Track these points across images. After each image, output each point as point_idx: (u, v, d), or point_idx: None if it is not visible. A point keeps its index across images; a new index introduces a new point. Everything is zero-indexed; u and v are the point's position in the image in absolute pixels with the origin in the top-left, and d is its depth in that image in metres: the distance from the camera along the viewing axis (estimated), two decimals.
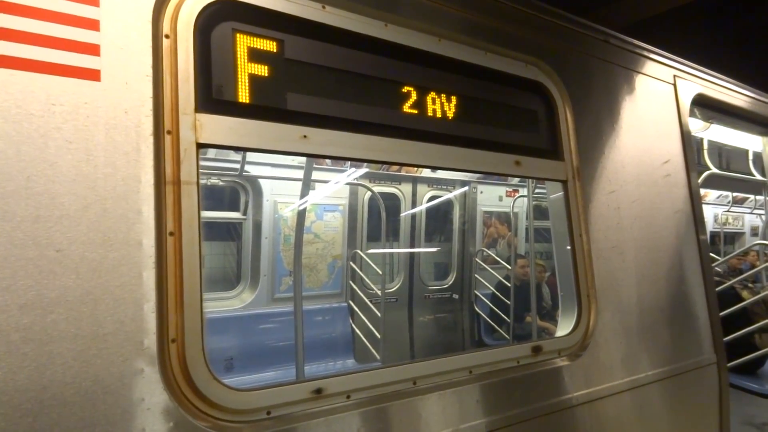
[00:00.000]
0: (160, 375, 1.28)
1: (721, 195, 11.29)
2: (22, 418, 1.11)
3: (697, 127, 3.83)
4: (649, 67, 2.85)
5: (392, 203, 7.35)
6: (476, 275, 7.93)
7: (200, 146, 1.43)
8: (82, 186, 1.23)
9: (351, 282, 6.83)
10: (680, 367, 2.64)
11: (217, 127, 1.47)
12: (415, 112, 1.91)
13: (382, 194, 6.70)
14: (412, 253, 7.63)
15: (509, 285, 7.01)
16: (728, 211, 11.91)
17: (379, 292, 6.09)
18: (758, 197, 9.72)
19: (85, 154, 1.24)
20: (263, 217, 6.16)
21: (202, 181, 1.44)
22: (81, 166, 1.23)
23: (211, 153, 5.62)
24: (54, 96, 1.22)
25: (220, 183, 6.11)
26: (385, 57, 1.87)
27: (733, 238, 13.82)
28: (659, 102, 2.87)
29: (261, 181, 6.10)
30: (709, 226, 11.62)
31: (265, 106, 1.58)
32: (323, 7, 1.72)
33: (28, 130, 1.18)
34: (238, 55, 1.54)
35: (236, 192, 6.25)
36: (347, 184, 6.51)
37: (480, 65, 2.13)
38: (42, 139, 1.19)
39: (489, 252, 8.03)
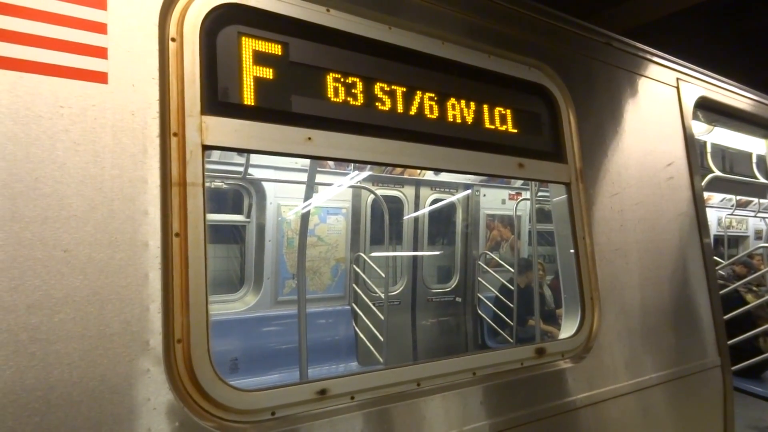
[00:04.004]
0: (166, 375, 1.29)
1: (724, 198, 11.25)
2: (29, 417, 1.12)
3: (701, 130, 3.84)
4: (652, 70, 2.85)
5: (395, 206, 7.36)
6: (479, 278, 7.92)
7: (206, 148, 1.45)
8: (89, 187, 1.24)
9: (354, 285, 6.83)
10: (684, 369, 2.63)
11: (223, 129, 1.48)
12: (419, 114, 1.92)
13: (385, 197, 6.70)
14: (415, 256, 7.63)
15: (512, 288, 7.01)
16: (732, 214, 11.87)
17: (382, 295, 6.09)
18: (762, 200, 9.69)
19: (93, 156, 1.26)
20: (266, 220, 6.18)
21: (205, 184, 1.46)
22: (88, 167, 1.25)
23: (215, 156, 5.63)
24: (62, 98, 1.23)
25: (224, 186, 6.12)
26: (388, 60, 1.88)
27: (737, 241, 13.75)
28: (662, 105, 2.87)
29: (264, 184, 6.12)
30: (713, 229, 11.57)
31: (271, 109, 1.59)
32: (327, 11, 1.74)
33: (37, 132, 1.19)
34: (244, 58, 1.55)
35: (240, 195, 6.26)
36: (350, 187, 6.52)
37: (483, 68, 2.13)
38: (50, 140, 1.21)
39: (492, 255, 8.02)
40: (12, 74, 1.18)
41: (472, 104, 2.06)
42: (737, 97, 3.44)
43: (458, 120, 2.02)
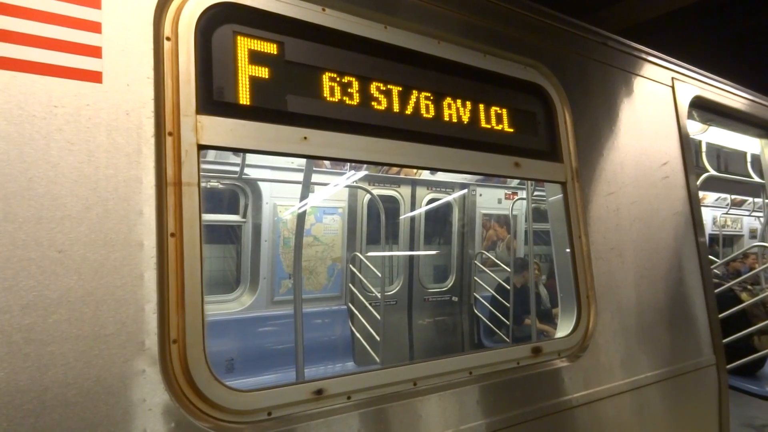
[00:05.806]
0: (162, 375, 1.28)
1: (719, 197, 11.31)
2: (24, 419, 1.11)
3: (696, 129, 3.85)
4: (647, 69, 2.86)
5: (391, 206, 7.36)
6: (475, 278, 7.94)
7: (201, 148, 1.44)
8: (83, 187, 1.24)
9: (350, 285, 6.83)
10: (679, 368, 2.64)
11: (218, 128, 1.48)
12: (415, 113, 1.91)
13: (382, 197, 6.71)
14: (411, 256, 7.63)
15: (508, 287, 7.02)
16: (727, 213, 11.92)
17: (378, 295, 6.09)
18: (756, 200, 9.74)
19: (87, 156, 1.25)
20: (263, 220, 6.17)
21: (201, 184, 1.45)
22: (83, 167, 1.24)
23: (211, 156, 5.62)
24: (56, 98, 1.22)
25: (220, 186, 6.11)
26: (384, 59, 1.88)
27: (731, 240, 13.82)
28: (657, 104, 2.88)
29: (260, 184, 6.11)
30: (708, 228, 11.61)
31: (266, 108, 1.58)
32: (323, 10, 1.73)
33: (30, 131, 1.19)
34: (239, 58, 1.55)
35: (236, 195, 6.25)
36: (346, 186, 6.52)
37: (479, 67, 2.14)
38: (44, 140, 1.20)
39: (488, 254, 8.03)
40: (5, 73, 1.17)
41: (468, 103, 2.06)
42: (732, 96, 3.46)
43: (454, 119, 2.01)
